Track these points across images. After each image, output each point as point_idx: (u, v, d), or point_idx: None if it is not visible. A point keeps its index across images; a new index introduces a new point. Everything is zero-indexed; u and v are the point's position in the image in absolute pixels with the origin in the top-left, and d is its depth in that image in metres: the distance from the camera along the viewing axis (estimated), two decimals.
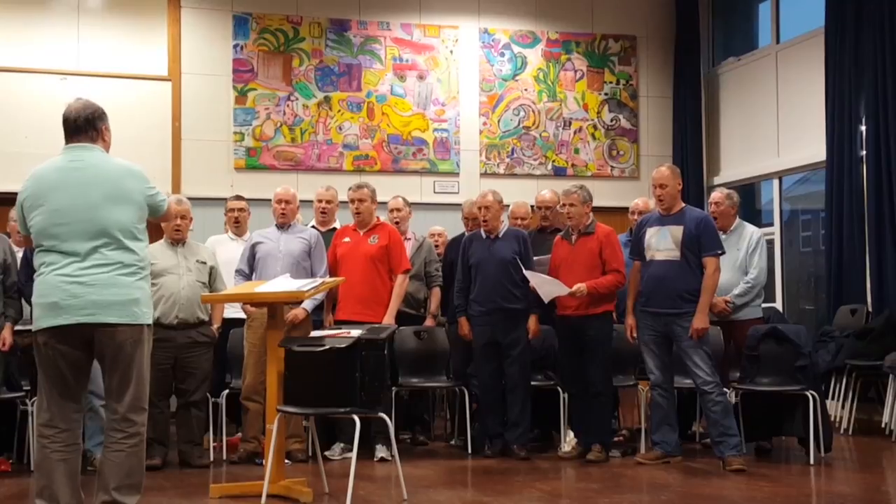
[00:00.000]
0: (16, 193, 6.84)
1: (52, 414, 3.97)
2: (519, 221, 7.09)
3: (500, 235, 6.56)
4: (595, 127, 10.42)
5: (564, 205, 6.37)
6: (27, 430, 6.12)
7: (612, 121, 10.49)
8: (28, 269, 5.74)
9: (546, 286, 6.22)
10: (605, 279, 6.23)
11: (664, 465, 6.04)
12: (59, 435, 3.95)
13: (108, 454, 3.97)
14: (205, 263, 6.32)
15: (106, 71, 9.03)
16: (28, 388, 6.24)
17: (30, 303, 5.77)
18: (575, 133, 10.35)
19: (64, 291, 3.89)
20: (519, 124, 10.20)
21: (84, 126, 4.09)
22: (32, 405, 6.01)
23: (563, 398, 6.62)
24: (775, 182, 9.70)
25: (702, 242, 6.04)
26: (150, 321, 4.08)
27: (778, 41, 9.83)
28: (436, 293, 7.13)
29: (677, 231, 6.06)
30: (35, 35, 8.91)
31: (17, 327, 6.04)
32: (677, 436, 6.23)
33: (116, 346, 3.95)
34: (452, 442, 7.13)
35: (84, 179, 4.00)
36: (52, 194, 3.98)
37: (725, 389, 6.19)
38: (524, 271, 6.23)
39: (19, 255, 6.12)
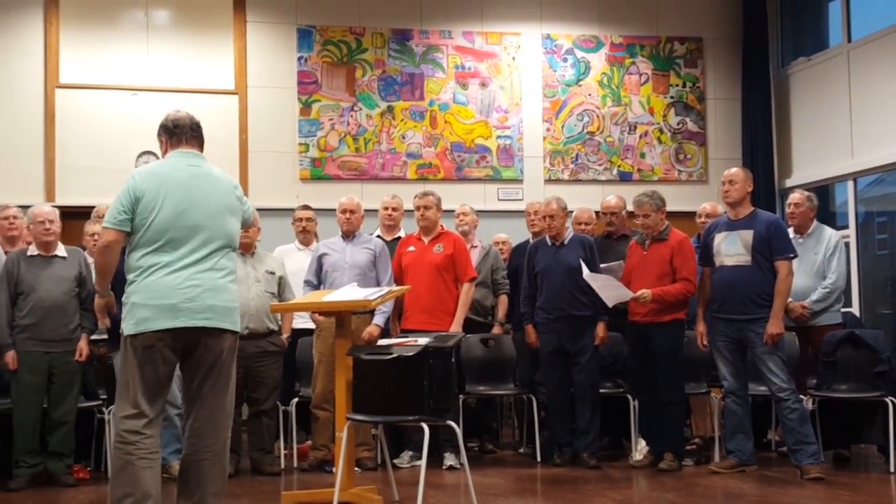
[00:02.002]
0: (90, 207, 7.08)
1: (141, 420, 3.85)
2: (583, 227, 7.03)
3: (566, 242, 6.51)
4: (661, 131, 10.30)
5: (638, 216, 6.30)
6: (104, 439, 6.24)
7: (678, 124, 10.36)
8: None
9: (608, 290, 6.14)
10: (673, 287, 6.13)
11: (739, 473, 5.93)
12: (144, 441, 3.84)
13: (193, 462, 3.93)
14: (273, 273, 6.39)
15: (175, 86, 9.19)
16: (104, 396, 6.37)
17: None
18: (641, 137, 10.24)
19: (182, 294, 3.84)
20: (583, 129, 10.13)
21: (196, 130, 4.15)
22: (109, 414, 6.13)
23: (633, 406, 6.54)
24: (850, 184, 9.48)
25: (773, 246, 5.93)
26: None
27: (849, 40, 9.62)
28: (503, 301, 7.10)
29: (747, 235, 5.95)
30: (106, 52, 9.11)
31: (93, 337, 6.16)
32: (752, 444, 6.11)
33: (218, 353, 3.94)
34: (521, 450, 7.09)
35: (206, 185, 4.01)
36: (174, 194, 3.92)
37: (802, 396, 6.06)
38: (584, 274, 6.16)
39: (94, 266, 6.24)
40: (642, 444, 6.44)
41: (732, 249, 6.00)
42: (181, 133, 4.10)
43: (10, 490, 5.76)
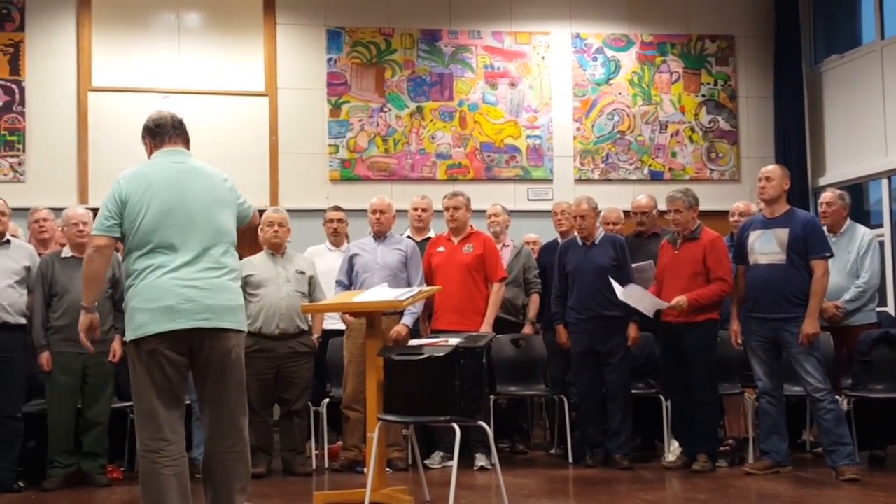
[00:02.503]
0: None
1: (160, 426, 3.78)
2: (611, 227, 6.98)
3: (597, 242, 6.48)
4: (693, 129, 10.24)
5: (670, 211, 6.25)
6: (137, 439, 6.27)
7: (710, 122, 10.28)
8: None
9: (644, 302, 6.10)
10: (708, 290, 6.07)
11: (774, 475, 5.86)
12: (167, 448, 3.78)
13: (217, 461, 3.89)
14: (304, 273, 6.40)
15: (206, 88, 9.24)
16: None
17: None
18: (672, 136, 10.18)
19: (179, 295, 3.74)
20: (613, 129, 10.08)
21: (179, 128, 4.06)
22: None
23: (666, 406, 6.49)
24: (884, 182, 9.37)
25: (809, 245, 5.85)
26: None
27: (882, 37, 9.51)
28: (534, 300, 7.07)
29: (783, 234, 5.89)
30: (138, 55, 9.18)
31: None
32: (787, 445, 6.03)
33: (225, 352, 3.85)
34: (552, 451, 7.06)
35: (192, 181, 3.91)
36: (161, 194, 3.84)
37: (837, 397, 5.98)
38: (618, 294, 6.11)
39: None
40: (675, 445, 6.39)
41: (767, 248, 5.93)
42: (163, 132, 4.03)
43: (44, 490, 5.81)
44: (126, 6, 9.21)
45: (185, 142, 4.08)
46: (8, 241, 6.04)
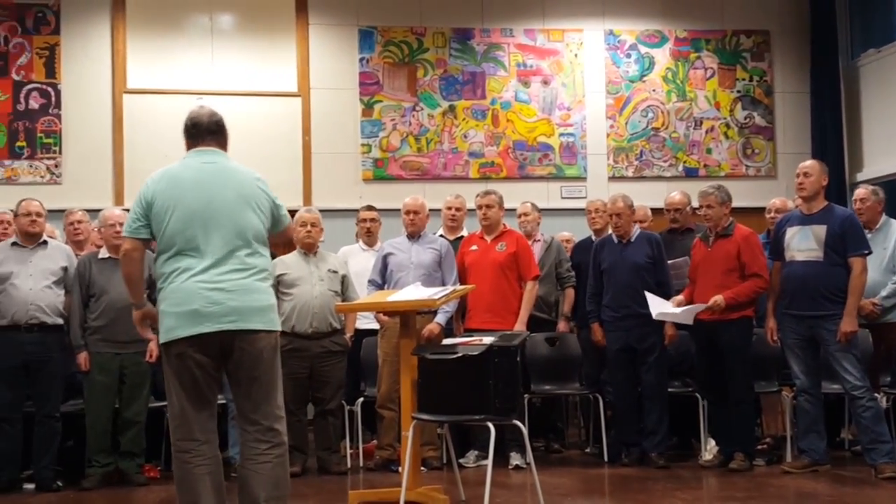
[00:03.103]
0: None
1: (191, 427, 3.79)
2: (639, 225, 6.92)
3: (633, 240, 6.44)
4: (728, 126, 10.14)
5: (702, 206, 6.20)
6: None
7: (745, 118, 10.18)
8: None
9: (684, 314, 6.05)
10: (744, 287, 6.02)
11: (812, 473, 5.80)
12: (199, 448, 3.79)
13: (253, 466, 3.80)
14: (336, 273, 6.42)
15: (239, 89, 9.29)
16: None
17: None
18: (707, 133, 10.09)
19: (204, 298, 3.72)
20: (647, 126, 10.01)
21: (216, 130, 4.02)
22: None
23: (702, 405, 6.44)
24: None
25: (847, 242, 5.78)
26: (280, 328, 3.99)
27: None
28: (569, 294, 7.03)
29: (820, 230, 5.82)
30: (172, 57, 9.24)
31: None
32: (825, 443, 5.97)
33: (256, 354, 3.80)
34: (587, 450, 7.03)
35: (220, 182, 3.88)
36: (187, 195, 3.82)
37: (876, 394, 5.91)
38: (655, 314, 6.06)
39: None
40: (712, 443, 6.34)
41: (804, 244, 5.87)
42: (198, 132, 4.00)
43: (83, 489, 5.87)
44: (160, 9, 9.28)
45: (221, 142, 4.04)
46: (45, 242, 6.11)
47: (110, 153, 9.04)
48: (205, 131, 4.01)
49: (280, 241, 4.14)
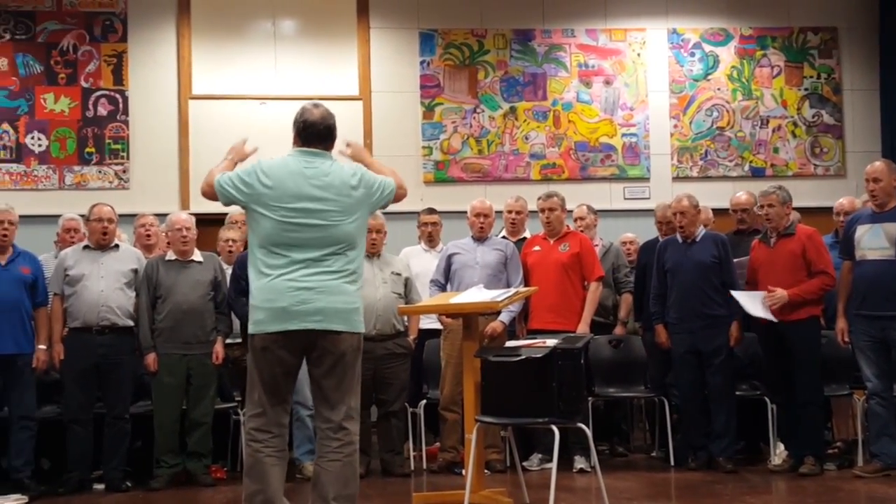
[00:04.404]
0: (222, 214, 7.28)
1: (266, 419, 3.91)
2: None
3: (698, 240, 6.35)
4: (795, 124, 9.95)
5: (762, 206, 6.10)
6: (240, 439, 6.39)
7: (813, 117, 9.98)
8: (237, 284, 6.02)
9: (755, 302, 5.95)
10: (811, 284, 5.91)
11: (884, 477, 5.67)
12: (272, 440, 3.89)
13: (324, 464, 3.89)
14: (399, 275, 6.44)
15: (301, 94, 9.32)
16: (239, 398, 6.53)
17: (239, 317, 6.08)
18: (773, 132, 9.91)
19: (293, 297, 3.82)
20: (712, 125, 9.87)
21: (325, 133, 4.07)
22: (244, 415, 6.27)
23: (771, 408, 6.32)
24: None
25: None
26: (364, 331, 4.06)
27: None
28: (626, 299, 6.97)
29: (892, 228, 5.69)
30: (236, 63, 9.35)
31: (227, 341, 6.32)
32: None
33: (339, 354, 3.90)
34: (653, 453, 6.95)
35: (320, 186, 3.94)
36: (286, 196, 3.90)
37: None
38: (754, 313, 5.98)
39: (228, 271, 6.41)
40: (781, 447, 6.22)
41: (875, 242, 5.73)
42: (307, 134, 4.05)
43: (151, 489, 5.95)
44: (224, 15, 9.40)
45: (328, 145, 4.09)
46: (117, 246, 6.22)
47: (176, 158, 9.17)
48: (314, 133, 4.06)
49: (398, 200, 4.22)
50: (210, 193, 4.06)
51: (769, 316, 5.92)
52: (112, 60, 9.16)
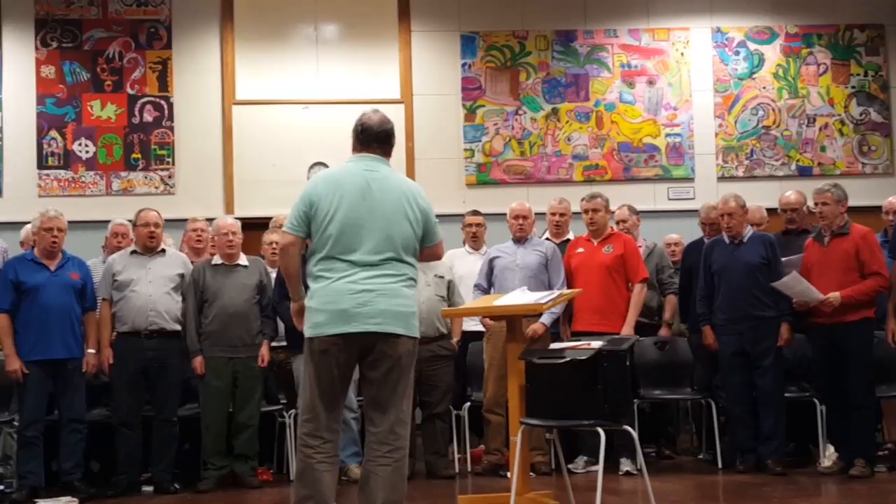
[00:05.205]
0: (266, 218, 7.33)
1: (318, 424, 3.89)
2: (755, 227, 6.73)
3: (745, 240, 6.28)
4: (842, 122, 9.81)
5: (817, 204, 6.01)
6: (286, 442, 6.43)
7: (861, 115, 9.83)
8: (282, 287, 6.06)
9: (797, 286, 5.86)
10: (864, 285, 5.82)
11: None
12: (323, 445, 3.87)
13: (373, 468, 3.88)
14: (442, 278, 6.44)
15: (343, 98, 9.40)
16: (284, 401, 6.57)
17: (284, 320, 6.11)
18: (820, 130, 9.78)
19: (353, 299, 3.83)
20: (758, 124, 9.76)
21: (384, 139, 4.09)
22: (289, 417, 6.32)
23: (821, 410, 6.23)
24: None
25: None
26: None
27: None
28: (671, 301, 6.92)
29: None
30: (278, 68, 9.41)
31: (273, 344, 6.36)
32: None
33: (396, 358, 3.89)
34: (700, 456, 6.89)
35: (381, 191, 3.95)
36: (348, 201, 3.92)
37: None
38: (777, 282, 5.91)
39: (273, 274, 6.45)
40: (831, 449, 6.14)
41: None
42: (366, 140, 4.07)
43: (199, 491, 6.01)
44: (267, 21, 9.47)
45: (387, 150, 4.11)
46: (163, 251, 6.29)
47: (220, 163, 9.25)
48: (373, 138, 4.08)
49: (428, 256, 4.18)
50: (293, 252, 3.99)
51: (812, 294, 5.83)
52: (157, 67, 9.27)
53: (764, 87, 9.79)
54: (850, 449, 5.92)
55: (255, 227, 7.62)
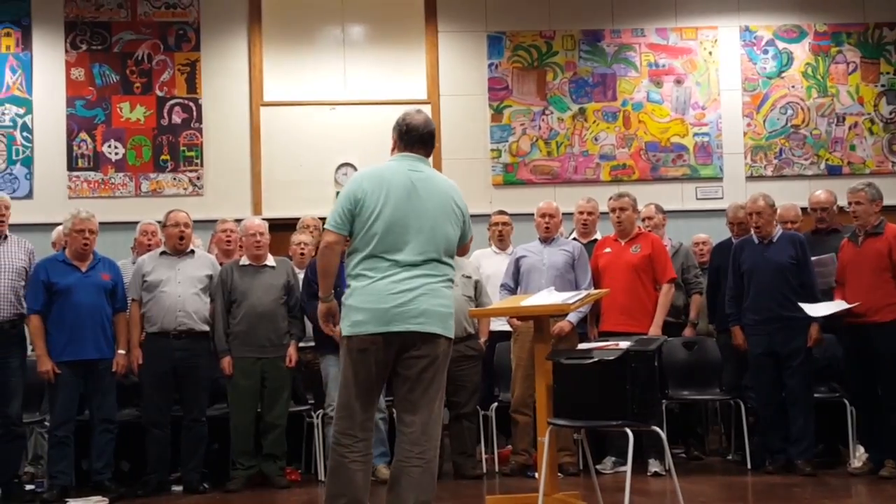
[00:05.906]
0: (294, 219, 7.36)
1: (353, 422, 3.87)
2: (788, 225, 6.70)
3: (775, 240, 6.24)
4: (872, 121, 9.72)
5: (850, 203, 5.97)
6: (314, 442, 6.46)
7: (891, 113, 9.73)
8: (309, 288, 6.09)
9: (832, 265, 5.85)
10: None
11: None
12: (357, 444, 3.86)
13: (404, 468, 3.86)
14: (470, 278, 6.44)
15: (370, 99, 9.42)
16: (312, 401, 6.60)
17: (311, 320, 6.13)
18: (850, 129, 9.69)
19: (395, 298, 3.81)
20: (787, 123, 9.69)
21: (427, 139, 4.08)
22: (317, 417, 6.35)
23: (851, 411, 6.17)
24: None
25: None
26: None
27: None
28: (696, 300, 6.88)
29: None
30: (305, 70, 9.45)
31: (300, 344, 6.39)
32: None
33: (433, 358, 3.88)
34: (729, 457, 6.85)
35: (426, 191, 3.95)
36: (393, 200, 3.89)
37: None
38: (805, 309, 5.90)
39: (300, 275, 6.48)
40: (861, 450, 6.08)
41: None
42: (410, 140, 4.05)
43: (228, 491, 6.04)
44: (294, 22, 9.51)
45: (428, 150, 4.11)
46: (192, 252, 6.33)
47: (248, 164, 9.30)
48: (416, 139, 4.06)
49: (458, 253, 4.21)
50: (335, 251, 3.97)
51: (839, 305, 5.80)
52: (185, 69, 9.33)
53: (793, 86, 9.72)
54: (881, 450, 5.87)
55: (282, 227, 7.66)
